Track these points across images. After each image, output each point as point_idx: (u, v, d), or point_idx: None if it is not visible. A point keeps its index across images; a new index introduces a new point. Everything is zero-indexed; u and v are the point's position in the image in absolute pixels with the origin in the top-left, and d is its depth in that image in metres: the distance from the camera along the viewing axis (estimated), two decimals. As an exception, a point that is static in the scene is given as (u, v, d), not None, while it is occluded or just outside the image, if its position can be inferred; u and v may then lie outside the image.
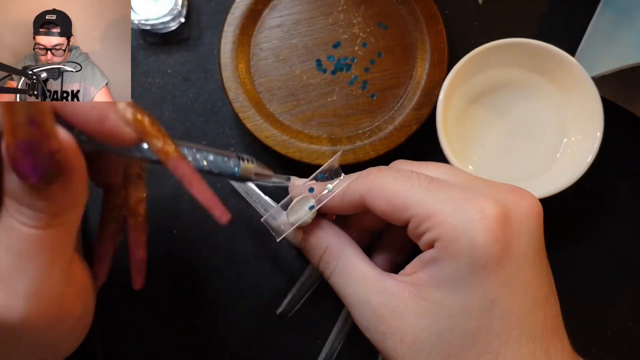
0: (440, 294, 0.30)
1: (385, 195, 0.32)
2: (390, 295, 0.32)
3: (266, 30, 0.45)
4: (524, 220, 0.30)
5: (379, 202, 0.32)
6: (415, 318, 0.30)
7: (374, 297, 0.32)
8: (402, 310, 0.31)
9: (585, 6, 0.48)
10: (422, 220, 0.30)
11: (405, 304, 0.31)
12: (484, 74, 0.44)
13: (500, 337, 0.29)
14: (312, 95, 0.44)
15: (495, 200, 0.30)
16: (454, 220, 0.29)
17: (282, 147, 0.43)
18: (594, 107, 0.41)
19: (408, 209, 0.31)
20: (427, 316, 0.30)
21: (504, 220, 0.29)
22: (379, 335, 0.32)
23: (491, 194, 0.31)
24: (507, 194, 0.31)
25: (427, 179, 0.32)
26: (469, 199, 0.30)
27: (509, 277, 0.29)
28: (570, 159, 0.43)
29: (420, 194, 0.31)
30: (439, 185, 0.31)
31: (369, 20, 0.45)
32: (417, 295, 0.31)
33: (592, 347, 0.44)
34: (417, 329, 0.30)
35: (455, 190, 0.31)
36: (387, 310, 0.31)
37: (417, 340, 0.30)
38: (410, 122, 0.43)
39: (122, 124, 0.25)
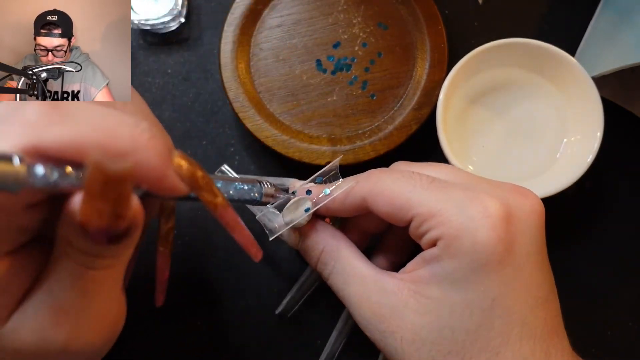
0: (441, 292, 0.30)
1: (387, 196, 0.32)
2: (390, 294, 0.32)
3: (266, 30, 0.45)
4: (527, 219, 0.30)
5: (381, 203, 0.32)
6: (415, 316, 0.30)
7: (373, 296, 0.32)
8: (401, 309, 0.31)
9: (585, 6, 0.48)
10: (425, 220, 0.31)
11: (405, 302, 0.31)
12: (484, 74, 0.44)
13: (500, 336, 0.29)
14: (312, 95, 0.44)
15: (498, 198, 0.30)
16: (456, 219, 0.29)
17: (282, 147, 0.43)
18: (594, 107, 0.41)
19: (410, 209, 0.31)
20: (427, 314, 0.30)
21: (507, 219, 0.29)
22: (379, 334, 0.32)
23: (494, 192, 0.31)
24: (510, 192, 0.31)
25: (428, 179, 0.32)
26: (471, 198, 0.30)
27: (510, 276, 0.29)
28: (570, 159, 0.43)
29: (422, 194, 0.31)
30: (441, 185, 0.31)
31: (369, 20, 0.45)
32: (417, 292, 0.31)
33: (592, 347, 0.44)
34: (417, 327, 0.30)
35: (457, 189, 0.31)
36: (386, 308, 0.31)
37: (417, 338, 0.30)
38: (410, 122, 0.43)
39: (179, 181, 0.25)
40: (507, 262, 0.29)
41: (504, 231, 0.29)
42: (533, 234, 0.30)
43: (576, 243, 0.45)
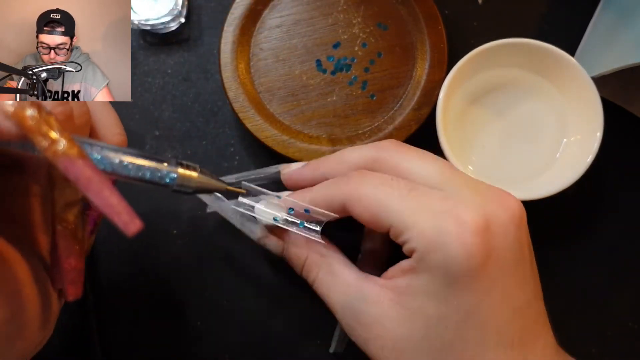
0: (417, 303, 0.30)
1: (365, 204, 0.32)
2: (371, 303, 0.32)
3: (266, 31, 0.45)
4: (504, 230, 0.30)
5: (359, 210, 0.32)
6: (395, 325, 0.31)
7: (356, 304, 0.33)
8: (382, 318, 0.31)
9: (585, 6, 0.48)
10: (401, 232, 0.31)
11: (386, 311, 0.31)
12: (483, 74, 0.44)
13: (476, 347, 0.30)
14: (312, 95, 0.44)
15: (475, 209, 0.30)
16: (430, 233, 0.29)
17: (282, 147, 0.43)
18: (594, 107, 0.41)
19: (387, 218, 0.31)
20: (406, 324, 0.31)
21: (483, 231, 0.29)
22: (362, 340, 0.32)
23: (473, 201, 0.30)
24: (490, 201, 0.31)
25: (407, 187, 0.31)
26: (447, 210, 0.30)
27: (485, 289, 0.29)
28: (570, 159, 0.43)
29: (399, 205, 0.31)
30: (418, 194, 0.31)
31: (369, 20, 0.45)
32: (397, 302, 0.31)
33: (592, 347, 0.44)
34: (396, 336, 0.31)
35: (434, 199, 0.31)
36: (368, 317, 0.32)
37: (397, 347, 0.31)
38: (410, 122, 0.43)
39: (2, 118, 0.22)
40: (480, 275, 0.29)
41: (478, 246, 0.29)
42: (510, 245, 0.30)
43: (576, 243, 0.45)
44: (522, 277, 0.31)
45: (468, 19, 0.48)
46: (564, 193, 0.40)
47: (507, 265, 0.30)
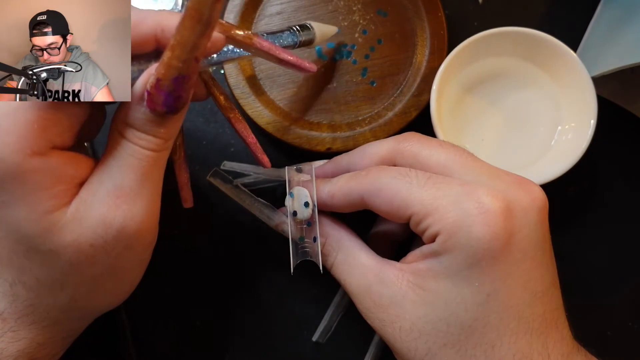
0: (437, 285, 0.31)
1: (384, 195, 0.32)
2: (389, 285, 0.32)
3: (266, 18, 0.45)
4: (526, 214, 0.30)
5: (378, 202, 0.33)
6: (413, 307, 0.31)
7: (374, 286, 0.33)
8: (400, 299, 0.32)
9: (586, 6, 0.47)
10: (422, 218, 0.31)
11: (404, 292, 0.32)
12: (479, 63, 0.45)
13: (496, 330, 0.30)
14: (312, 82, 0.45)
15: (496, 193, 0.30)
16: (452, 215, 0.30)
17: (282, 133, 0.43)
18: (587, 95, 0.41)
19: (408, 208, 0.31)
20: (424, 305, 0.31)
21: (504, 214, 0.29)
22: (378, 322, 0.33)
23: (493, 186, 0.31)
24: (510, 185, 0.31)
25: (425, 176, 0.32)
26: (468, 192, 0.30)
27: (506, 271, 0.30)
28: (565, 146, 0.43)
29: (419, 193, 0.31)
30: (437, 181, 0.31)
31: (369, 7, 0.45)
32: (416, 284, 0.31)
33: (592, 347, 0.44)
34: (414, 317, 0.31)
35: (454, 184, 0.31)
36: (386, 298, 0.32)
37: (414, 329, 0.31)
38: (410, 109, 0.44)
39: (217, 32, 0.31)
40: (502, 257, 0.29)
41: (500, 227, 0.29)
42: (532, 229, 0.30)
43: (576, 243, 0.45)
44: (543, 262, 0.31)
45: (468, 18, 0.48)
46: (564, 193, 0.40)
47: (529, 249, 0.30)
